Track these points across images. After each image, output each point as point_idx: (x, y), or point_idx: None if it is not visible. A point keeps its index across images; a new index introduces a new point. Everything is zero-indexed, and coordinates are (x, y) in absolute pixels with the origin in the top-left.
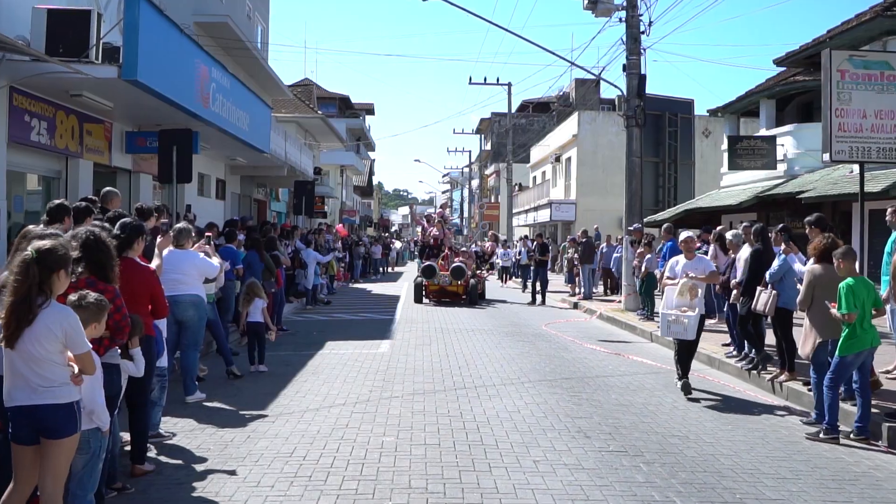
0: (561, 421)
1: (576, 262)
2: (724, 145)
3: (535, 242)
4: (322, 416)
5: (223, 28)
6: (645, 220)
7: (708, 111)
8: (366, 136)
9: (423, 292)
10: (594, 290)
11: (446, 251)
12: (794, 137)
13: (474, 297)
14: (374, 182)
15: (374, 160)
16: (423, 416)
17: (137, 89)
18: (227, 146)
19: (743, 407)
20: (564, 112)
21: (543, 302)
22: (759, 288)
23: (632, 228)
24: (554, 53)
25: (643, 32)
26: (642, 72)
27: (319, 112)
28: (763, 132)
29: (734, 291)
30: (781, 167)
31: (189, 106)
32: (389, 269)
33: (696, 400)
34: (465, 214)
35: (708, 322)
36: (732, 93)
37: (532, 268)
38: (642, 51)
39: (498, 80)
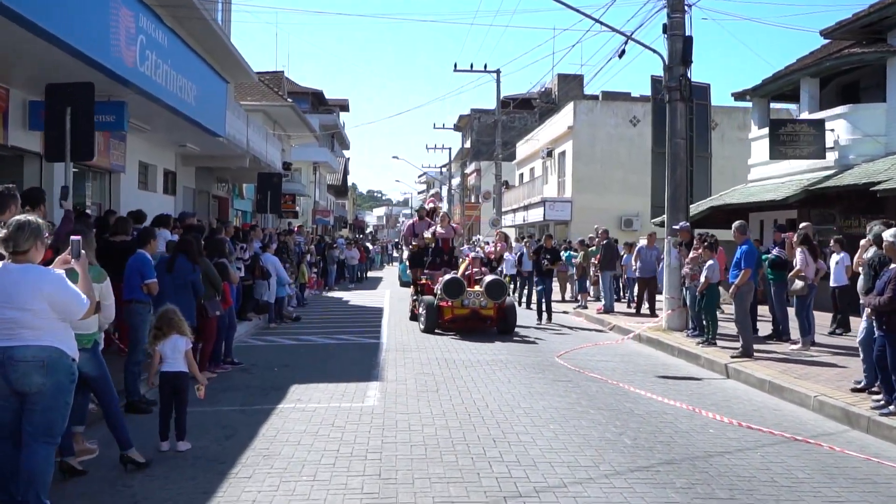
0: None
1: (593, 269)
2: (752, 133)
3: (538, 244)
4: None
5: None
6: (660, 219)
7: (732, 94)
8: (340, 133)
9: (441, 319)
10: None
11: (468, 258)
12: (847, 121)
13: (511, 323)
14: (349, 183)
15: (348, 159)
16: None
17: (20, 29)
18: (173, 128)
19: None
20: (547, 109)
21: (550, 319)
22: None
23: (678, 227)
24: (577, 10)
25: None
26: (687, 33)
27: (289, 100)
28: (805, 116)
29: None
30: (831, 156)
31: (102, 59)
32: (367, 274)
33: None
34: None
35: (790, 348)
36: (753, 76)
37: (536, 277)
38: (687, 7)
39: (486, 66)
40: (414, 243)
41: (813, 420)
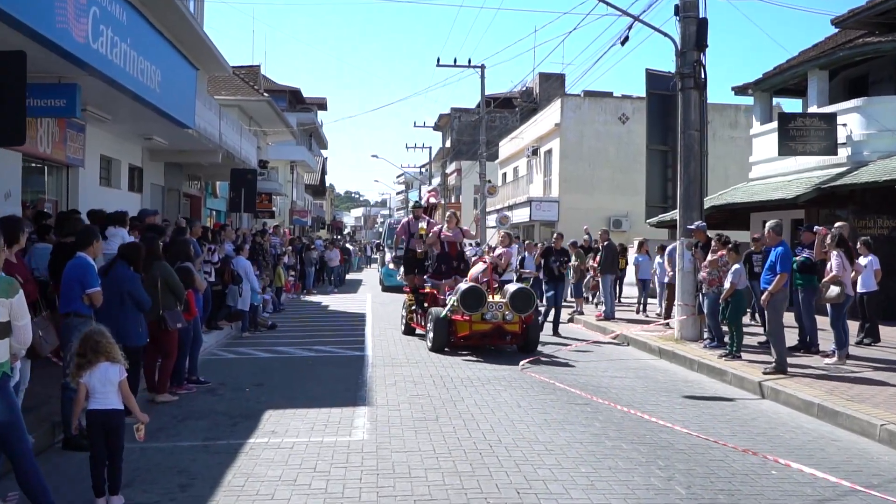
0: None
1: (592, 273)
2: (754, 129)
3: (546, 245)
4: None
5: None
6: (657, 219)
7: (733, 88)
8: (318, 132)
9: (454, 335)
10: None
11: (485, 263)
12: (861, 115)
13: (535, 339)
14: (327, 183)
15: (326, 158)
16: None
17: None
18: (138, 118)
19: None
20: (529, 108)
21: (557, 331)
22: None
23: (693, 227)
24: None
25: None
26: (702, 14)
27: (265, 95)
28: (814, 111)
29: None
30: (843, 152)
31: (45, 31)
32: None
33: None
34: None
35: (825, 362)
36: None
37: (546, 283)
38: None
39: (469, 62)
40: (419, 250)
41: (886, 455)
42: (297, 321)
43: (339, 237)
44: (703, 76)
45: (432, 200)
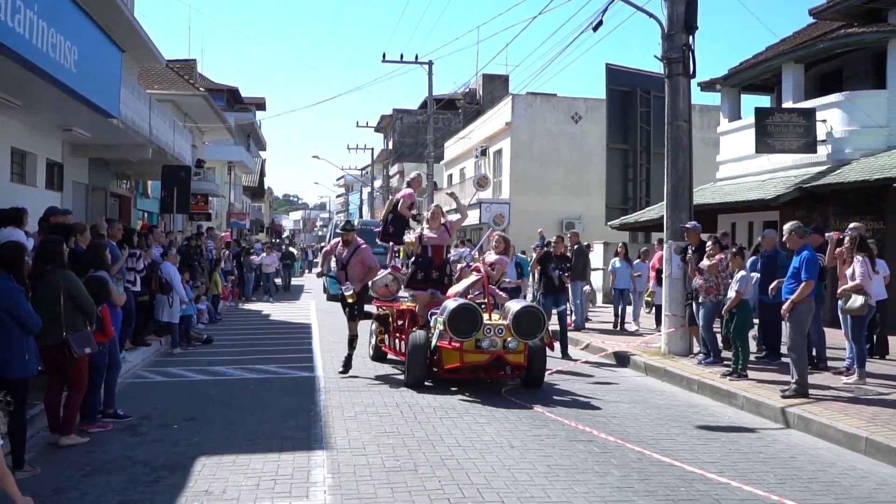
0: None
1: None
2: (722, 127)
3: (544, 250)
4: None
5: None
6: (619, 221)
7: (700, 84)
8: (256, 133)
9: (437, 366)
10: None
11: (478, 274)
12: (843, 110)
13: (541, 370)
14: (265, 185)
15: (264, 160)
16: None
17: None
18: (55, 106)
19: None
20: (472, 110)
21: (565, 353)
22: None
23: (689, 226)
24: None
25: None
26: None
27: (201, 90)
28: (790, 106)
29: None
30: (822, 149)
31: None
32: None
33: None
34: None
35: (844, 381)
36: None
37: (543, 294)
38: None
39: (417, 57)
40: (346, 294)
41: None
42: (236, 333)
43: (277, 240)
44: (693, 61)
45: (410, 203)
